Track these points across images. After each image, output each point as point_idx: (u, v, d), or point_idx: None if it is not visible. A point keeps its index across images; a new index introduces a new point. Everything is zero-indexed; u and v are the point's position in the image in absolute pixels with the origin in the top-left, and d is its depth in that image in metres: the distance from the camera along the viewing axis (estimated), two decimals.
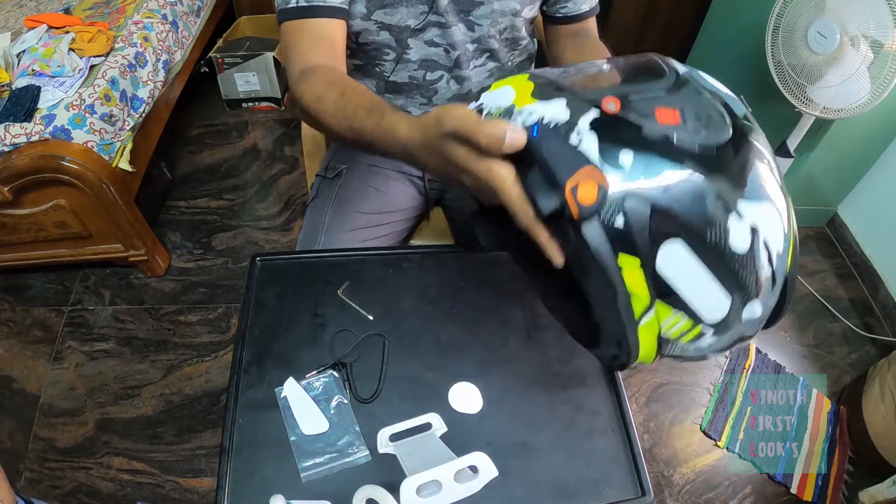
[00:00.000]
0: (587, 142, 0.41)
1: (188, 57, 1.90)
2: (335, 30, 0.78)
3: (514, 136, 0.41)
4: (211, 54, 2.17)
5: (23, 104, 1.33)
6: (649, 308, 0.44)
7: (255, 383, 0.68)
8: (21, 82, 1.39)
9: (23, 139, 1.32)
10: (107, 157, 1.42)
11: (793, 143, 1.55)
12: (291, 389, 0.66)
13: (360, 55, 0.90)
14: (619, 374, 0.71)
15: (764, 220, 0.44)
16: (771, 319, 0.49)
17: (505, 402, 0.68)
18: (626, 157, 0.41)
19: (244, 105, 2.31)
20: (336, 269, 0.80)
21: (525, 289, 0.80)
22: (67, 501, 1.27)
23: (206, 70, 2.19)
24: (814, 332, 1.67)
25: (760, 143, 0.47)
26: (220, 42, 2.26)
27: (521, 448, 0.65)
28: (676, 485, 1.35)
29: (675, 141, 0.42)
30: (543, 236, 0.43)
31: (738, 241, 0.42)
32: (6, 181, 1.36)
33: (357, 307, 0.75)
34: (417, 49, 0.87)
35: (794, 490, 1.34)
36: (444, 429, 0.65)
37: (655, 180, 0.41)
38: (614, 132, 0.41)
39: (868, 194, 1.77)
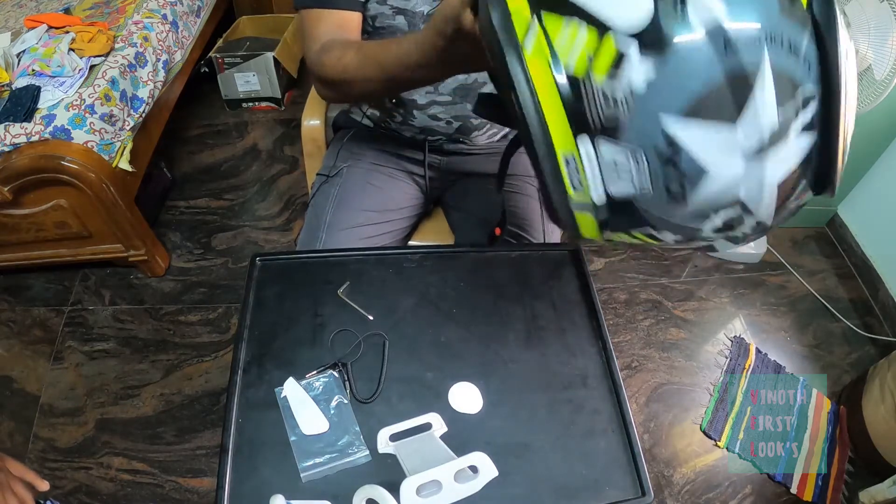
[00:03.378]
0: None
1: (188, 57, 1.90)
2: (351, 20, 0.82)
3: None
4: (211, 54, 2.16)
5: (23, 104, 1.33)
6: (532, 19, 0.35)
7: (255, 383, 0.68)
8: (21, 82, 1.39)
9: (23, 139, 1.32)
10: (107, 157, 1.42)
11: None
12: (291, 389, 0.66)
13: (377, 38, 0.91)
14: (619, 375, 0.71)
15: None
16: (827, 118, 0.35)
17: (505, 402, 0.68)
18: None
19: (244, 105, 2.31)
20: (336, 269, 0.80)
21: (525, 289, 0.80)
22: (67, 501, 1.27)
23: (206, 70, 2.19)
24: (814, 332, 1.67)
25: None
26: (220, 42, 2.26)
27: (521, 448, 0.65)
28: (676, 485, 1.35)
29: None
30: None
31: None
32: (6, 181, 1.36)
33: (357, 307, 0.75)
34: None
35: (794, 490, 1.34)
36: (444, 429, 0.65)
37: None
38: None
39: (868, 194, 1.77)
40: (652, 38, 0.33)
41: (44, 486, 0.72)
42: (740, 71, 0.33)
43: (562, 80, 0.35)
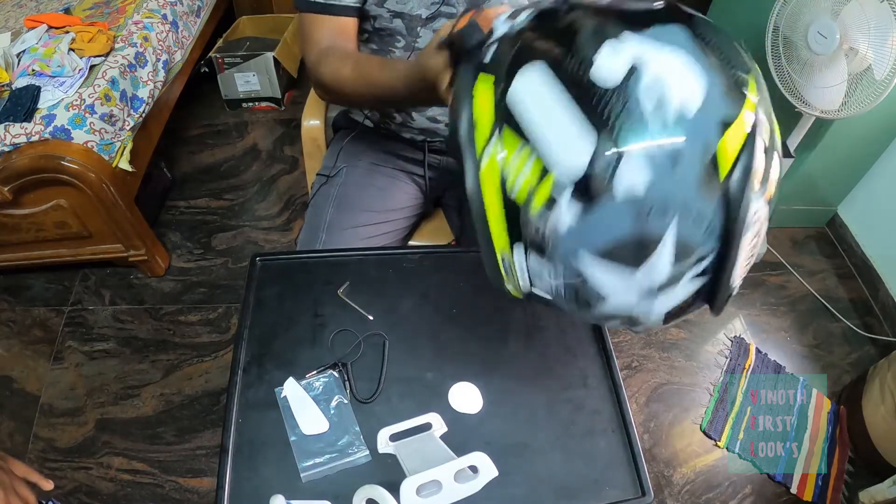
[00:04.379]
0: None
1: (188, 57, 1.90)
2: (347, 26, 0.85)
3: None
4: (211, 54, 2.16)
5: (23, 104, 1.33)
6: (492, 135, 0.41)
7: (255, 383, 0.68)
8: (21, 82, 1.39)
9: (23, 139, 1.32)
10: (107, 157, 1.42)
11: (793, 143, 1.55)
12: (291, 389, 0.66)
13: (376, 39, 0.92)
14: (619, 375, 0.71)
15: (659, 63, 0.38)
16: (720, 270, 0.40)
17: (505, 402, 0.68)
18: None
19: (244, 105, 2.31)
20: (336, 269, 0.80)
21: None
22: (68, 501, 1.27)
23: (206, 70, 2.19)
24: (814, 332, 1.67)
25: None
26: (220, 42, 2.26)
27: (521, 448, 0.65)
28: (676, 485, 1.35)
29: None
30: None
31: (609, 66, 0.38)
32: (6, 181, 1.36)
33: (357, 307, 0.75)
34: (426, 38, 0.88)
35: (794, 490, 1.34)
36: (444, 429, 0.65)
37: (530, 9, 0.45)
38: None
39: (868, 194, 1.77)
40: (581, 191, 0.38)
41: (48, 485, 0.72)
42: (647, 235, 0.38)
43: (506, 199, 0.41)
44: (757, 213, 0.40)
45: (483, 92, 0.42)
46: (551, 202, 0.39)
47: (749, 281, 1.77)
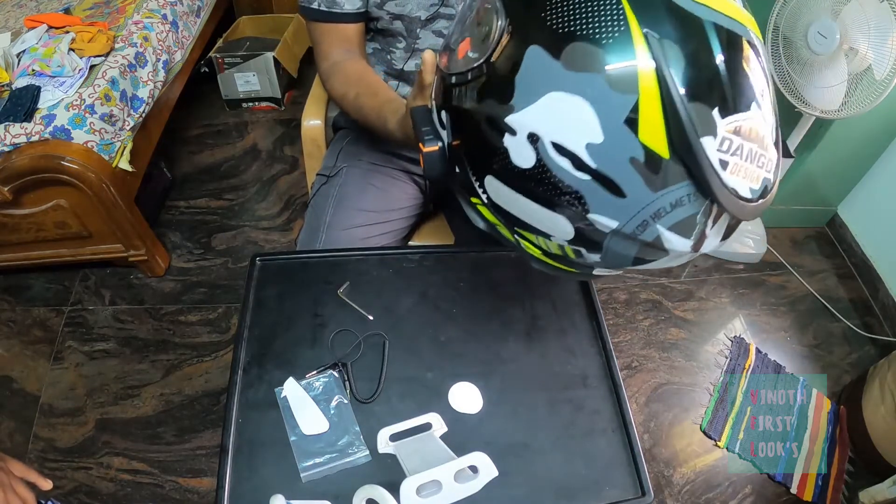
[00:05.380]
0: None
1: (188, 57, 1.90)
2: (352, 32, 0.88)
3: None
4: (211, 54, 2.16)
5: (23, 104, 1.33)
6: (514, 234, 0.47)
7: (255, 383, 0.68)
8: (21, 82, 1.39)
9: (23, 139, 1.32)
10: (107, 157, 1.42)
11: (793, 143, 1.55)
12: (291, 389, 0.66)
13: (379, 39, 0.93)
14: (619, 375, 0.71)
15: (544, 120, 0.39)
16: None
17: (505, 402, 0.68)
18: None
19: (244, 105, 2.31)
20: (336, 269, 0.80)
21: (525, 289, 0.80)
22: (68, 501, 1.27)
23: (206, 70, 2.18)
24: (814, 332, 1.67)
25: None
26: (220, 42, 2.26)
27: (521, 448, 0.65)
28: (676, 485, 1.35)
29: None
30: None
31: (520, 157, 0.40)
32: (6, 181, 1.36)
33: (357, 307, 0.75)
34: (426, 40, 0.88)
35: (794, 490, 1.34)
36: (444, 429, 0.65)
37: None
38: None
39: (868, 194, 1.77)
40: (580, 242, 0.44)
41: (47, 485, 0.72)
42: (649, 246, 0.42)
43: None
44: (728, 138, 0.38)
45: (482, 208, 0.48)
46: (577, 253, 0.45)
47: (749, 281, 1.77)
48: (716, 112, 0.37)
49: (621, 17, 0.36)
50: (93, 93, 1.38)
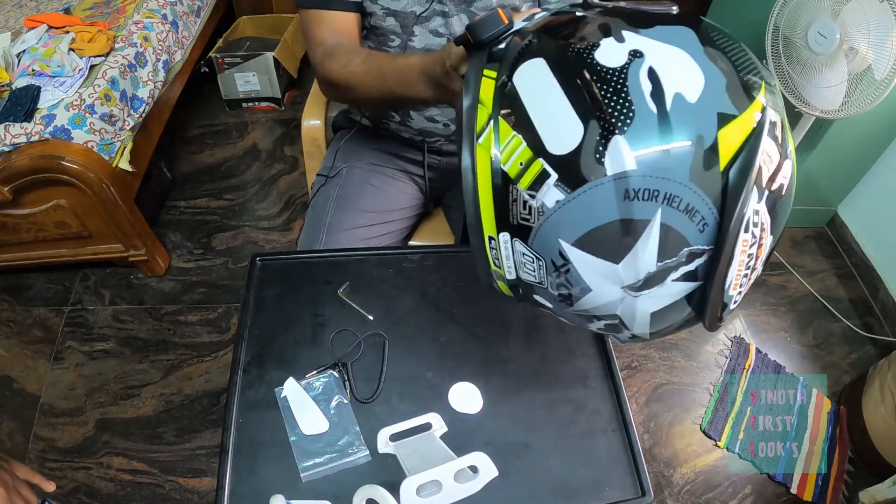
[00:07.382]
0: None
1: (188, 57, 1.90)
2: (349, 21, 0.84)
3: None
4: (211, 54, 2.16)
5: (23, 104, 1.33)
6: (490, 119, 0.43)
7: (255, 383, 0.68)
8: (21, 82, 1.39)
9: (23, 139, 1.32)
10: (107, 157, 1.42)
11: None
12: (291, 389, 0.66)
13: (372, 37, 0.92)
14: (619, 375, 0.71)
15: (659, 55, 0.39)
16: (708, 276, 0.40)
17: (505, 402, 0.68)
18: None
19: (244, 105, 2.31)
20: (336, 269, 0.80)
21: None
22: (68, 501, 1.27)
23: (206, 70, 2.18)
24: (814, 332, 1.67)
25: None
26: (220, 42, 2.26)
27: (521, 448, 0.65)
28: (676, 485, 1.35)
29: None
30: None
31: (608, 56, 0.39)
32: (6, 181, 1.36)
33: (357, 307, 0.75)
34: (422, 37, 0.88)
35: (794, 490, 1.34)
36: (444, 429, 0.65)
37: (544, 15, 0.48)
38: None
39: (868, 194, 1.77)
40: (569, 170, 0.38)
41: (50, 487, 0.72)
42: (632, 220, 0.38)
43: (496, 178, 0.42)
44: (758, 216, 0.39)
45: (489, 78, 0.44)
46: (541, 178, 0.40)
47: None
48: None
49: None
50: (93, 93, 1.38)
